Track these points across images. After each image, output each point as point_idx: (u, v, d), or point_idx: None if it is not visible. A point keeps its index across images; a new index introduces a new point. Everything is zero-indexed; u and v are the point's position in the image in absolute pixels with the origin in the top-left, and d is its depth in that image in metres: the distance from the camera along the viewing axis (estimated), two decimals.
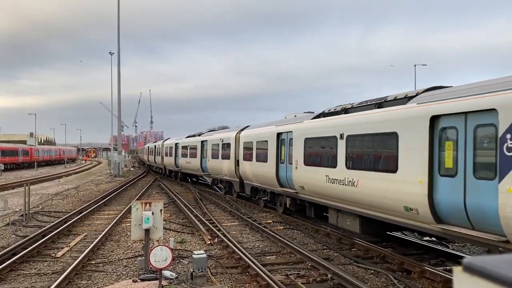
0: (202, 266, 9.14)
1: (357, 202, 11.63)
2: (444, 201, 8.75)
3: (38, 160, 73.10)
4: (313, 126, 14.49)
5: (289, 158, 16.33)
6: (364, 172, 11.26)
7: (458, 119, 8.49)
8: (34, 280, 9.53)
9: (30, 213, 17.80)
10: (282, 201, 17.95)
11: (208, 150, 28.20)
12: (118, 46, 45.13)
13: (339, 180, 12.42)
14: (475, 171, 8.09)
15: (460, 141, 8.44)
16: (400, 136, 9.96)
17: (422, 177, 9.16)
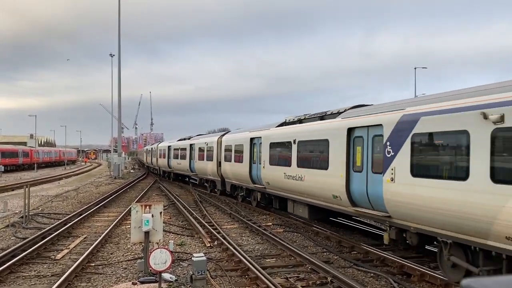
0: (202, 269, 9.12)
1: (305, 193, 14.78)
2: (356, 190, 11.93)
3: (38, 161, 73.11)
4: (276, 133, 17.53)
5: (259, 159, 19.28)
6: (308, 170, 14.46)
7: (364, 131, 11.68)
8: (34, 282, 9.52)
9: (30, 214, 17.79)
10: (255, 196, 20.88)
11: (195, 153, 31.15)
12: (119, 48, 45.20)
13: (292, 176, 15.61)
14: (372, 168, 11.21)
15: (364, 147, 11.62)
16: (330, 142, 13.15)
17: (342, 173, 12.30)
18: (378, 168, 10.86)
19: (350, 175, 12.15)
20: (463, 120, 8.30)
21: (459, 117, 8.40)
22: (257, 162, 19.64)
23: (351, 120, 12.30)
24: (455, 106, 8.62)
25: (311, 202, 14.62)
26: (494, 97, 7.79)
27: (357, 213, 12.21)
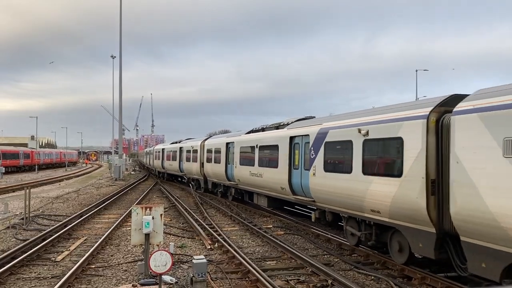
0: (202, 271, 9.11)
1: (264, 187, 18.78)
2: (295, 182, 15.75)
3: (39, 163, 73.15)
4: (245, 139, 21.47)
5: (232, 161, 23.02)
6: (265, 168, 18.35)
7: (300, 138, 15.48)
8: (34, 284, 9.51)
9: (31, 216, 17.79)
10: (230, 191, 24.69)
11: (184, 155, 34.95)
12: (120, 49, 45.29)
13: (255, 174, 19.48)
14: (304, 166, 14.87)
15: (300, 150, 15.35)
16: (279, 146, 17.05)
17: (286, 170, 16.22)
18: (307, 166, 14.66)
19: (291, 171, 16.11)
20: (349, 133, 12.06)
21: (348, 131, 12.18)
22: (231, 163, 23.31)
23: (292, 131, 16.29)
24: (347, 123, 12.46)
25: (268, 194, 18.64)
26: (364, 119, 11.66)
27: (296, 200, 16.02)
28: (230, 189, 24.62)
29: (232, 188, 24.21)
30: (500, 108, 7.60)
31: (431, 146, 9.33)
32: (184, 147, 35.02)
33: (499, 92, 7.89)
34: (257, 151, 19.48)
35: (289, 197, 16.48)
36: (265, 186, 18.64)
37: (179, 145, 37.43)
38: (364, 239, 11.86)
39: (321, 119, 15.08)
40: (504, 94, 7.72)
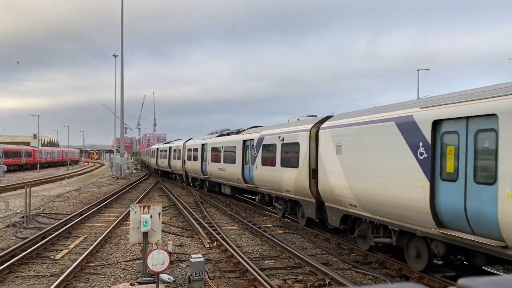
0: (200, 270, 9.13)
1: (228, 179, 23.94)
2: (246, 174, 20.66)
3: (41, 161, 73.33)
4: (214, 141, 26.74)
5: (206, 159, 28.20)
6: (228, 164, 23.33)
7: (249, 141, 20.67)
8: (32, 282, 9.55)
9: (31, 214, 17.85)
10: (205, 184, 30.34)
11: (172, 153, 40.14)
12: (122, 47, 45.30)
13: (221, 168, 24.54)
14: (251, 162, 19.69)
15: (249, 150, 20.39)
16: (236, 147, 22.21)
17: (240, 165, 21.25)
18: (252, 161, 19.61)
19: (243, 166, 21.25)
20: (275, 139, 17.40)
21: (274, 137, 17.50)
22: (205, 161, 28.52)
23: (244, 136, 21.66)
24: (274, 132, 17.86)
25: (231, 184, 23.93)
26: (283, 129, 17.14)
27: (247, 187, 21.18)
28: (205, 182, 30.07)
29: (206, 181, 29.75)
30: (335, 127, 13.12)
31: (312, 148, 14.68)
32: (172, 147, 40.27)
33: (337, 117, 13.66)
34: (222, 151, 24.66)
35: (242, 185, 21.75)
36: (228, 178, 23.91)
37: (169, 145, 42.92)
38: (285, 212, 17.61)
39: (262, 127, 20.76)
40: (338, 118, 13.34)
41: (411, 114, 9.80)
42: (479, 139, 8.09)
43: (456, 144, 8.56)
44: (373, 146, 11.00)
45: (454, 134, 8.64)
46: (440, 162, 8.94)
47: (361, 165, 11.49)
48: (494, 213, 7.51)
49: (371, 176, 10.99)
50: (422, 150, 9.31)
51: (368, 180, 11.10)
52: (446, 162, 8.81)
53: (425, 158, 9.18)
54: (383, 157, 10.60)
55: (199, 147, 29.93)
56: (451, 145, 8.71)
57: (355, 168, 11.76)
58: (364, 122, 11.58)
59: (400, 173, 9.93)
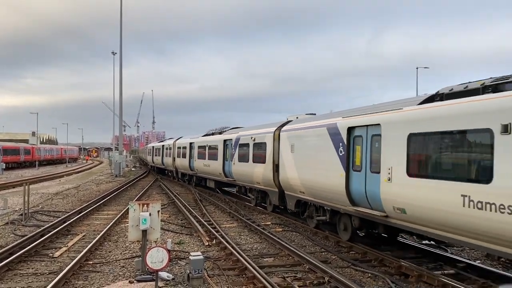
0: (199, 268, 9.12)
1: (211, 174, 27.27)
2: (226, 169, 23.71)
3: (40, 159, 73.24)
4: (200, 140, 30.02)
5: (193, 156, 31.82)
6: (212, 161, 26.55)
7: (229, 141, 23.68)
8: (31, 280, 9.53)
9: (30, 212, 17.82)
10: (193, 179, 33.60)
11: (164, 151, 44.01)
12: (120, 44, 45.20)
13: (206, 165, 27.94)
14: (230, 159, 22.87)
15: (228, 148, 23.53)
16: (218, 146, 25.27)
17: (221, 162, 24.49)
18: (231, 158, 22.85)
19: (224, 162, 24.40)
20: (248, 139, 20.46)
21: (248, 138, 20.55)
22: (192, 158, 32.12)
23: (225, 136, 24.87)
24: (247, 133, 20.87)
25: (214, 178, 27.16)
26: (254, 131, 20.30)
27: (227, 181, 24.15)
28: (193, 177, 33.21)
29: (194, 176, 32.83)
30: (290, 130, 16.40)
31: (275, 147, 17.78)
32: (165, 145, 43.92)
33: (293, 122, 17.11)
34: (207, 149, 28.02)
35: (223, 179, 24.86)
36: (211, 173, 27.08)
37: (162, 144, 46.91)
38: (257, 201, 20.78)
39: (239, 129, 24.03)
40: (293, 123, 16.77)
41: (335, 122, 13.02)
42: (373, 141, 11.19)
43: (361, 145, 11.71)
44: (313, 146, 14.35)
45: (360, 137, 11.80)
46: (352, 158, 12.14)
47: (306, 160, 14.83)
48: (378, 193, 10.75)
49: (312, 169, 14.37)
50: (341, 149, 12.52)
51: (310, 172, 14.47)
52: (356, 158, 11.99)
53: (343, 155, 12.43)
54: (319, 154, 13.89)
55: (187, 145, 33.53)
56: (359, 145, 11.87)
57: (302, 163, 15.08)
58: (308, 127, 14.97)
59: (328, 166, 13.11)
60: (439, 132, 9.01)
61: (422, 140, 9.47)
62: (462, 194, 8.23)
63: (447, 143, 8.89)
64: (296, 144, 15.59)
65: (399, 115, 10.29)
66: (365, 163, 11.46)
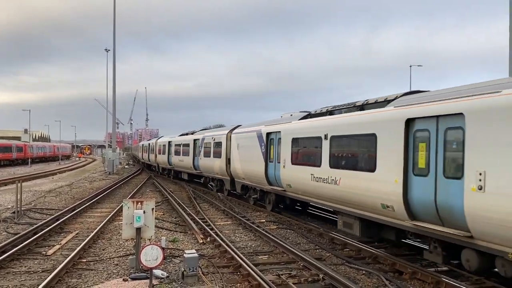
0: (194, 266, 9.10)
1: (185, 168, 33.06)
2: (195, 164, 29.70)
3: (32, 156, 72.69)
4: (177, 139, 35.74)
5: (171, 153, 37.54)
6: (185, 156, 32.13)
7: (197, 140, 29.46)
8: (24, 278, 9.45)
9: (22, 210, 17.69)
10: (170, 173, 39.54)
11: (149, 149, 51.13)
12: (114, 41, 44.93)
13: (181, 160, 33.48)
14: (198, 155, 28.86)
15: (197, 146, 29.33)
16: (190, 144, 30.90)
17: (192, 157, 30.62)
18: (199, 154, 28.13)
19: (194, 158, 29.84)
20: (210, 139, 25.96)
21: (210, 138, 26.14)
22: (170, 154, 37.84)
23: (194, 136, 30.43)
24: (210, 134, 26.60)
25: (187, 172, 33.23)
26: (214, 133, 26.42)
27: (196, 173, 29.83)
28: (171, 170, 39.07)
29: (172, 170, 38.80)
30: (237, 133, 21.95)
31: (228, 145, 23.03)
32: (151, 143, 50.90)
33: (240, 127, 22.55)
34: (181, 147, 33.64)
35: (193, 171, 30.56)
36: (185, 167, 32.90)
37: (148, 142, 55.55)
38: (216, 187, 25.78)
39: (205, 131, 29.75)
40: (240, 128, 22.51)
41: (260, 129, 18.95)
42: (279, 141, 16.76)
43: (275, 144, 17.25)
44: (249, 146, 20.07)
45: (273, 139, 17.47)
46: (269, 153, 17.90)
47: (245, 155, 20.41)
48: (279, 175, 16.44)
49: (248, 162, 19.97)
50: (263, 147, 18.31)
51: (248, 164, 20.05)
52: (271, 153, 17.71)
53: (264, 151, 18.26)
54: (252, 151, 19.55)
55: (166, 144, 39.37)
56: (273, 144, 17.47)
57: (244, 157, 20.66)
58: (247, 131, 20.81)
59: (256, 159, 18.87)
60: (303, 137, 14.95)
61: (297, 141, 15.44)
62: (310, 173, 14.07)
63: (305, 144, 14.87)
64: (240, 144, 21.21)
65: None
66: (275, 157, 17.22)
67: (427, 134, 9.29)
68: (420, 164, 9.41)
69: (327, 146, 13.09)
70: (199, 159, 28.24)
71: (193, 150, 29.99)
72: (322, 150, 13.29)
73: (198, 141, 29.01)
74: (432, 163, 9.05)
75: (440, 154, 8.88)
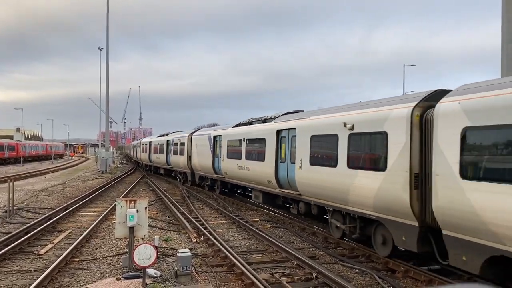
0: (187, 265, 9.08)
1: (161, 164, 39.12)
2: (168, 160, 35.90)
3: (25, 155, 72.13)
4: (155, 140, 42.14)
5: (151, 151, 42.92)
6: (161, 154, 38.29)
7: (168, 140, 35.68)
8: (16, 277, 9.39)
9: (14, 209, 17.55)
10: (151, 168, 45.48)
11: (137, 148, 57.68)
12: (107, 38, 44.72)
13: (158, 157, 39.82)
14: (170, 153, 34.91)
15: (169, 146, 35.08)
16: (164, 144, 36.82)
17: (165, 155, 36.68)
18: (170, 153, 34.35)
19: (167, 155, 35.42)
20: (177, 140, 32.10)
21: (177, 139, 32.10)
22: (151, 152, 43.20)
23: (167, 137, 36.09)
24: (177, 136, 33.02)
25: (163, 167, 38.70)
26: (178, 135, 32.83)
27: (169, 168, 35.78)
28: (151, 166, 45.61)
29: (152, 166, 45.10)
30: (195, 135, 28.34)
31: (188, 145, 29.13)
32: (137, 143, 58.39)
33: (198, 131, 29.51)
34: (158, 146, 39.46)
35: (166, 167, 36.94)
36: (161, 163, 38.82)
37: (137, 142, 62.87)
38: (182, 180, 31.23)
39: (175, 133, 35.12)
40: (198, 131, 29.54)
41: (210, 133, 24.76)
42: (221, 142, 22.47)
43: (219, 144, 22.78)
44: (203, 145, 25.62)
45: (218, 140, 23.05)
46: (215, 151, 23.34)
47: (200, 153, 26.13)
48: (220, 167, 22.41)
49: (202, 157, 25.66)
50: (212, 146, 23.87)
51: (202, 159, 25.70)
52: (216, 150, 23.24)
53: (212, 149, 23.71)
54: (205, 149, 25.15)
55: (148, 144, 45.67)
56: (217, 144, 23.06)
57: (199, 154, 26.35)
58: (201, 134, 26.78)
59: (207, 155, 24.49)
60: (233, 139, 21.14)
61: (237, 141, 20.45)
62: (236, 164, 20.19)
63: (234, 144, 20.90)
64: (197, 144, 26.94)
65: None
66: (219, 153, 22.96)
67: (286, 138, 15.56)
68: (283, 155, 15.75)
69: (244, 146, 19.48)
70: (170, 156, 34.44)
71: (166, 149, 35.87)
72: (242, 148, 19.62)
73: (170, 142, 34.73)
74: (287, 155, 15.27)
75: (289, 149, 15.20)
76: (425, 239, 9.27)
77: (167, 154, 35.30)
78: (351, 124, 11.12)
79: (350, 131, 11.19)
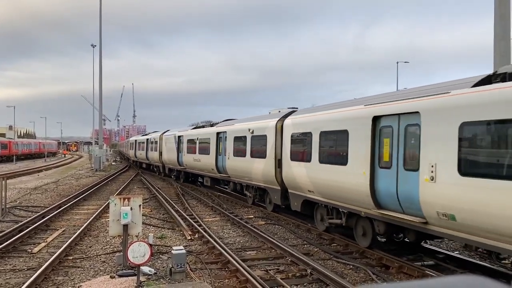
0: (181, 262, 9.07)
1: (143, 159, 45.56)
2: (148, 156, 42.34)
3: (17, 153, 71.61)
4: (139, 139, 49.97)
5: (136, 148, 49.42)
6: (142, 151, 44.70)
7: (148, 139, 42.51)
8: (9, 276, 9.33)
9: (7, 207, 17.44)
10: (137, 163, 50.30)
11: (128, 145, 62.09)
12: (100, 37, 44.46)
13: (141, 154, 45.73)
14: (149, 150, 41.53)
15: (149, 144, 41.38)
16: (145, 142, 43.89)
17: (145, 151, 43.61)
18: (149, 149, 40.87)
19: (147, 152, 41.58)
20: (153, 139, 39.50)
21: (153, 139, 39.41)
22: (136, 150, 48.47)
23: (147, 136, 43.54)
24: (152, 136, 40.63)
25: (145, 162, 44.91)
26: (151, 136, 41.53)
27: (148, 162, 42.68)
28: (137, 162, 50.74)
29: (137, 162, 49.87)
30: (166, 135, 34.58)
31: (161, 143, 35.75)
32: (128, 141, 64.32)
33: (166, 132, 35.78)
34: (140, 144, 45.46)
35: (146, 161, 43.09)
36: (143, 158, 44.36)
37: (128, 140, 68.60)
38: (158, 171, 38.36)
39: (152, 133, 42.17)
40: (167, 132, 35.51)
41: (175, 133, 31.18)
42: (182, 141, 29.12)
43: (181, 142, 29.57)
44: (171, 143, 31.63)
45: (181, 139, 29.68)
46: (179, 147, 29.84)
47: (169, 150, 32.08)
48: (182, 160, 29.06)
49: (170, 153, 31.87)
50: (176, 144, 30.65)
51: (170, 155, 31.99)
52: (179, 147, 29.67)
53: (177, 147, 30.39)
54: (172, 147, 31.33)
55: (134, 141, 52.13)
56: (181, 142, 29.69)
57: (168, 151, 32.46)
58: (170, 134, 32.56)
59: (173, 152, 30.91)
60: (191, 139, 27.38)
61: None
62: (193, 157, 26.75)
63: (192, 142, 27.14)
64: (167, 142, 33.25)
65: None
66: (182, 149, 28.28)
67: (222, 138, 21.77)
68: (220, 150, 21.84)
69: (197, 143, 25.42)
70: (148, 153, 40.63)
71: (146, 146, 41.64)
72: (196, 146, 25.61)
73: (149, 140, 40.74)
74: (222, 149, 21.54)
75: (224, 146, 21.10)
76: (285, 197, 15.71)
77: (147, 151, 41.34)
78: (252, 129, 17.88)
79: (251, 134, 17.92)
